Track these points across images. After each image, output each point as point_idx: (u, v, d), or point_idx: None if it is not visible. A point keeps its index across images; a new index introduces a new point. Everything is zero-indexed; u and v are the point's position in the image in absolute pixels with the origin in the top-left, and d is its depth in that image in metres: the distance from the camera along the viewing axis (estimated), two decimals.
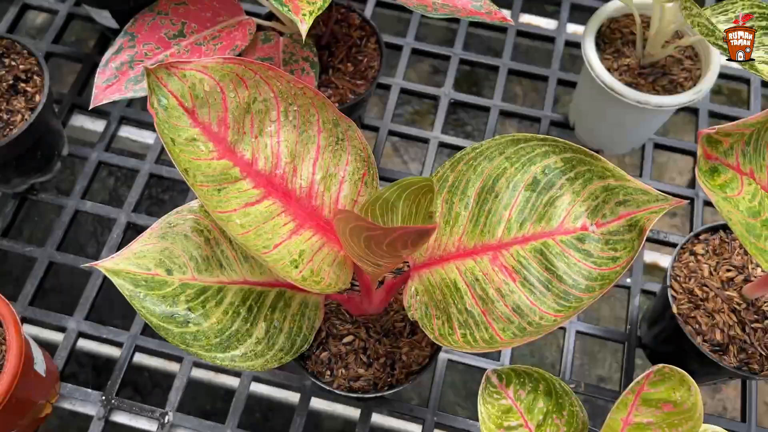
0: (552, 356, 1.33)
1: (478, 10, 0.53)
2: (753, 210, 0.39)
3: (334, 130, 0.47)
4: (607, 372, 1.22)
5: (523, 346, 1.32)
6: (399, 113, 1.42)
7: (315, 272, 0.44)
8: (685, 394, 0.40)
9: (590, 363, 1.33)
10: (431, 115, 1.37)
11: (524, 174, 0.45)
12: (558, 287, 0.42)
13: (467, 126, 1.42)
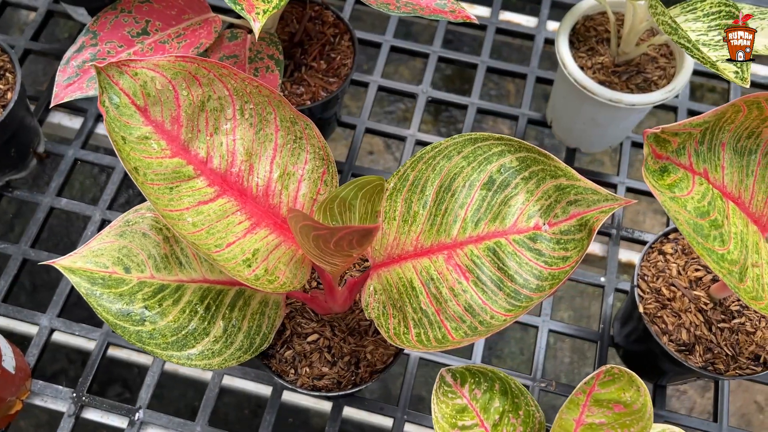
0: None
1: (441, 9, 0.53)
2: (701, 210, 0.39)
3: (292, 128, 0.46)
4: None
5: (512, 343, 1.31)
6: (391, 110, 1.42)
7: (269, 271, 0.44)
8: (634, 394, 0.40)
9: (579, 361, 1.33)
10: (426, 116, 1.37)
11: (480, 173, 0.45)
12: (509, 287, 0.42)
13: (459, 123, 1.42)
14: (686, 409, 1.30)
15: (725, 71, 0.49)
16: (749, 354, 0.56)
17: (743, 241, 0.41)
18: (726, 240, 0.40)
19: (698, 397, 1.32)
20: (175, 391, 1.14)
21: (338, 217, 0.42)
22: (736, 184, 0.43)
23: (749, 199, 0.45)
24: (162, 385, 1.10)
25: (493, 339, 1.31)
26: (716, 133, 0.41)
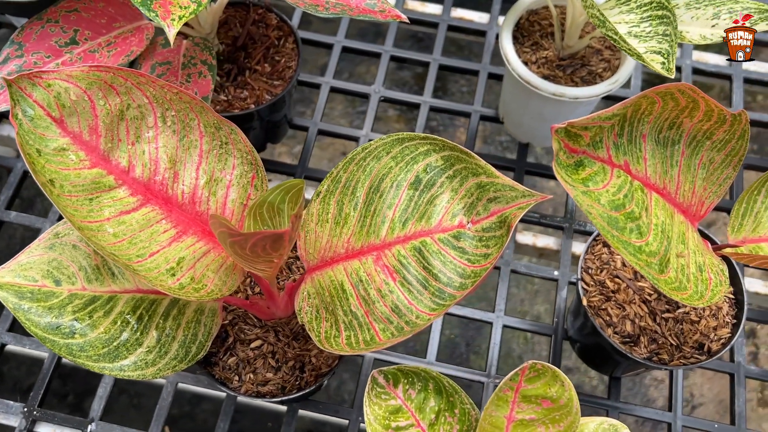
0: (519, 348, 1.33)
1: (371, 9, 0.52)
2: (616, 203, 0.39)
3: (217, 134, 0.46)
4: (573, 363, 1.22)
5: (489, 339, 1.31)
6: (362, 110, 1.42)
7: (196, 279, 0.44)
8: (559, 390, 0.40)
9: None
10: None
11: (408, 173, 0.45)
12: (434, 286, 0.42)
13: (431, 122, 1.42)
14: (663, 398, 1.31)
15: (652, 62, 0.49)
16: (693, 343, 0.56)
17: (664, 232, 0.41)
18: (644, 232, 0.40)
19: None
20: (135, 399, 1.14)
21: (268, 221, 0.42)
22: (660, 175, 0.44)
23: (675, 190, 0.45)
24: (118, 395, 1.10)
25: (470, 334, 1.32)
26: (636, 125, 0.41)
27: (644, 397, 1.37)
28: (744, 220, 0.49)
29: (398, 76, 1.49)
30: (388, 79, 1.48)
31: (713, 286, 0.44)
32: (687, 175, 0.45)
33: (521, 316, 1.30)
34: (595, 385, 1.27)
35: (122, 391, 1.16)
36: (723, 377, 1.27)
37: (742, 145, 0.45)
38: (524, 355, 1.31)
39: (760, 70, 0.86)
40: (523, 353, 1.33)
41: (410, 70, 1.38)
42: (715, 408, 1.29)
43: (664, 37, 0.51)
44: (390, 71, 1.45)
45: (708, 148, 0.45)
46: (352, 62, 1.44)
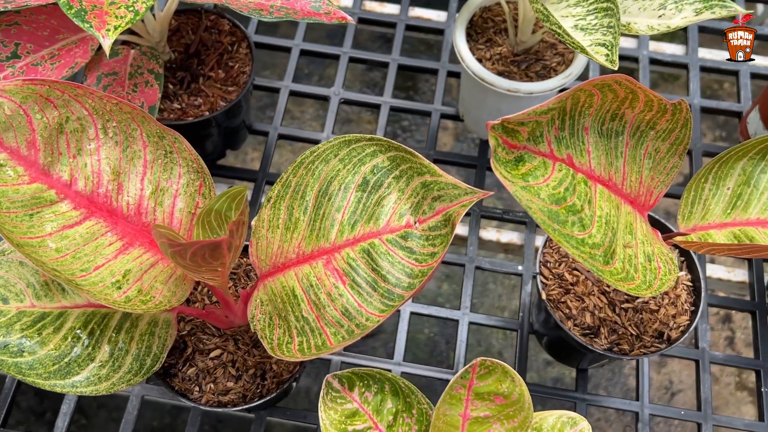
0: (499, 344, 1.34)
1: (316, 11, 0.52)
2: (557, 197, 0.39)
3: (161, 143, 0.46)
4: None
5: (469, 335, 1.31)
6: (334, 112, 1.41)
7: (144, 291, 0.43)
8: (510, 385, 0.40)
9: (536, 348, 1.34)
10: (370, 116, 1.37)
11: (355, 175, 0.45)
12: (383, 287, 0.42)
13: (404, 121, 1.42)
14: None
15: (596, 55, 0.49)
16: (653, 332, 0.57)
17: (609, 224, 0.42)
18: (587, 224, 0.40)
19: (654, 374, 1.34)
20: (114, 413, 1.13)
21: (217, 229, 0.41)
22: (605, 166, 0.44)
23: (621, 181, 0.45)
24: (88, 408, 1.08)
25: (449, 332, 1.32)
26: (577, 119, 0.42)
27: (624, 387, 1.38)
28: (693, 208, 0.49)
29: (368, 77, 1.49)
30: (359, 80, 1.48)
31: (662, 275, 0.44)
32: (633, 166, 0.45)
33: (500, 312, 1.30)
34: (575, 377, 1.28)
35: (101, 405, 1.15)
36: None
37: (685, 133, 0.45)
38: (504, 350, 1.31)
39: (715, 59, 0.86)
40: (502, 348, 1.33)
41: (380, 71, 1.38)
42: (694, 394, 1.30)
43: (608, 29, 0.51)
44: (360, 73, 1.45)
45: (652, 138, 0.45)
46: (321, 65, 1.44)
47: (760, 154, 0.47)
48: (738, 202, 0.48)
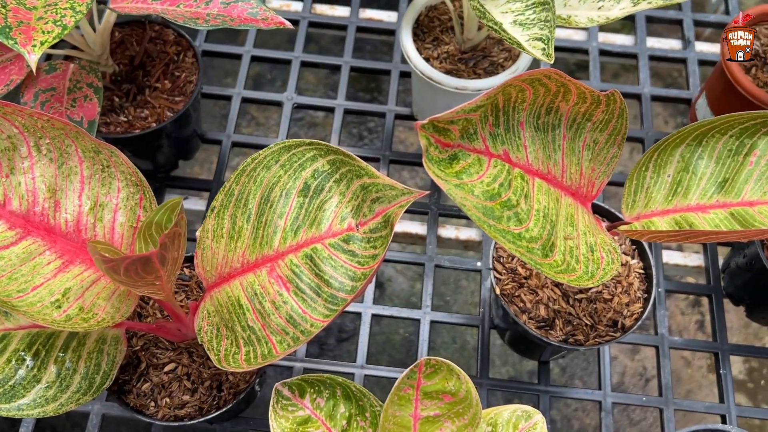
0: (473, 340, 1.34)
1: (253, 18, 0.52)
2: (491, 193, 0.39)
3: (97, 158, 0.45)
4: None
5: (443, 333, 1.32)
6: (299, 117, 1.41)
7: (86, 309, 0.43)
8: (456, 383, 0.40)
9: None
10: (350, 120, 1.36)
11: (296, 180, 0.45)
12: (326, 291, 0.42)
13: (370, 123, 1.42)
14: (618, 374, 1.33)
15: (533, 50, 0.50)
16: (608, 321, 0.57)
17: (547, 217, 0.42)
18: (524, 219, 0.40)
19: (629, 361, 1.35)
20: None
21: (168, 244, 0.41)
22: (542, 160, 0.44)
23: (561, 173, 0.45)
24: None
25: None
26: (512, 114, 0.42)
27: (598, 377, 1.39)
28: (636, 197, 0.49)
29: (333, 80, 1.48)
30: (322, 83, 1.47)
31: (605, 264, 0.44)
32: (572, 158, 0.46)
33: (473, 308, 1.30)
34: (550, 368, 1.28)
35: (75, 425, 1.13)
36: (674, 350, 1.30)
37: (622, 123, 0.46)
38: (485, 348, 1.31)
39: (663, 47, 0.88)
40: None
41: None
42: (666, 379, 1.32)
43: (545, 23, 0.51)
44: (324, 76, 1.44)
45: (590, 130, 0.45)
46: (284, 70, 1.44)
47: (696, 140, 0.47)
48: (678, 188, 0.48)
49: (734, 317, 1.27)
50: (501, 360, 1.32)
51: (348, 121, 1.38)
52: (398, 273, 1.37)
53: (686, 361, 1.37)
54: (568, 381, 1.24)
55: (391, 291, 1.34)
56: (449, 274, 1.35)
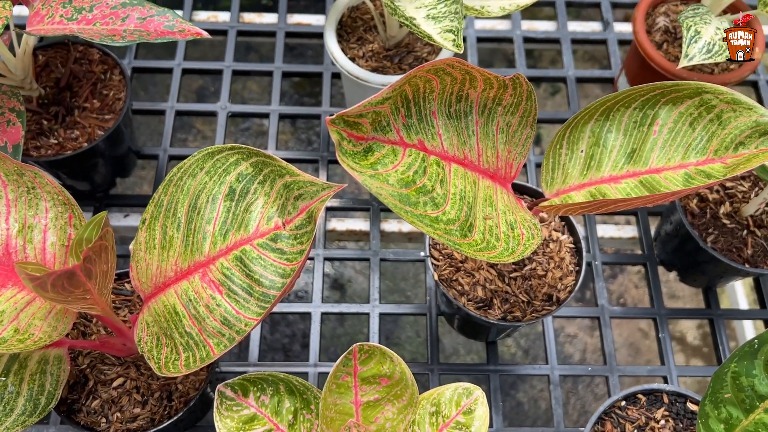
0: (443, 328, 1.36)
1: (170, 30, 0.53)
2: (405, 180, 0.41)
3: (21, 180, 0.45)
4: None
5: (407, 328, 1.33)
6: (246, 126, 1.41)
7: (21, 330, 0.43)
8: (391, 366, 0.42)
9: None
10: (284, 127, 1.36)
11: (222, 185, 0.46)
12: (258, 291, 0.43)
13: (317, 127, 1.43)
14: (580, 351, 1.37)
15: (444, 41, 0.52)
16: (543, 296, 0.60)
17: (464, 200, 0.44)
18: (440, 203, 0.42)
19: (588, 338, 1.39)
20: None
21: (93, 258, 0.41)
22: (457, 146, 0.46)
23: (477, 157, 0.47)
24: None
25: (388, 328, 1.34)
26: (423, 104, 0.43)
27: (561, 354, 1.42)
28: (554, 174, 0.52)
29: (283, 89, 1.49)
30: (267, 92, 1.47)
31: (525, 240, 0.46)
32: (487, 142, 0.48)
33: None
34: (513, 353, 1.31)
35: None
36: (630, 321, 1.34)
37: (531, 105, 0.48)
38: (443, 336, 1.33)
39: (585, 30, 0.91)
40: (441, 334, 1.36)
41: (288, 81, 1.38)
42: (627, 351, 1.36)
43: (455, 15, 0.53)
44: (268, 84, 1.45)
45: (501, 114, 0.47)
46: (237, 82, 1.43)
47: (603, 115, 0.50)
48: (591, 162, 0.51)
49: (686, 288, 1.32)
50: (465, 349, 1.34)
51: (299, 126, 1.39)
52: (357, 273, 1.38)
53: (643, 332, 1.42)
54: (531, 360, 1.27)
55: (352, 291, 1.35)
56: (408, 269, 1.37)
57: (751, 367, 0.42)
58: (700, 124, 0.47)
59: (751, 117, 0.45)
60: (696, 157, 0.47)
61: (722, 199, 0.68)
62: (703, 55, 0.59)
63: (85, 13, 0.54)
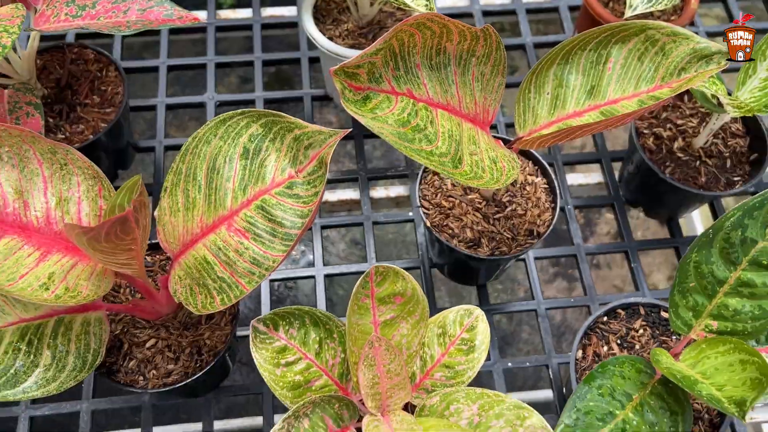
0: None
1: (170, 18, 0.58)
2: (402, 121, 0.47)
3: (54, 158, 0.50)
4: None
5: None
6: None
7: (71, 288, 0.48)
8: (403, 284, 0.48)
9: None
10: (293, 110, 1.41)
11: (236, 147, 0.51)
12: (281, 231, 0.48)
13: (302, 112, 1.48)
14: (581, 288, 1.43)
15: (417, 6, 0.58)
16: (525, 232, 0.66)
17: (452, 137, 0.50)
18: (433, 139, 0.48)
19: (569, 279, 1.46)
20: None
21: (138, 208, 0.46)
22: (440, 94, 0.52)
23: (458, 104, 0.54)
24: None
25: None
26: (408, 58, 0.50)
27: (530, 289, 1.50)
28: (525, 117, 0.58)
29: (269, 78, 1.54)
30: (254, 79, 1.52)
31: (507, 171, 0.53)
32: (465, 90, 0.54)
33: None
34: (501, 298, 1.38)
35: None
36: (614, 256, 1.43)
37: (500, 55, 0.54)
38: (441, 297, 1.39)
39: (539, 1, 0.98)
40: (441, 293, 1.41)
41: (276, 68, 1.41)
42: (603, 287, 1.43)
43: None
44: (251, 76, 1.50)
45: (475, 64, 0.54)
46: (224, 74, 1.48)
47: (564, 59, 0.57)
48: (557, 102, 0.57)
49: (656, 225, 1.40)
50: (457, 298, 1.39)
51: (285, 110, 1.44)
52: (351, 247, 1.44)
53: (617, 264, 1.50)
54: None
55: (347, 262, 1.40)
56: (395, 237, 1.43)
57: (709, 255, 0.50)
58: (647, 57, 0.54)
59: (690, 45, 0.52)
60: (646, 86, 0.54)
61: (675, 136, 0.76)
62: (645, 4, 0.66)
63: (89, 10, 0.59)
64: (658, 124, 0.77)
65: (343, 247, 1.39)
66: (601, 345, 0.63)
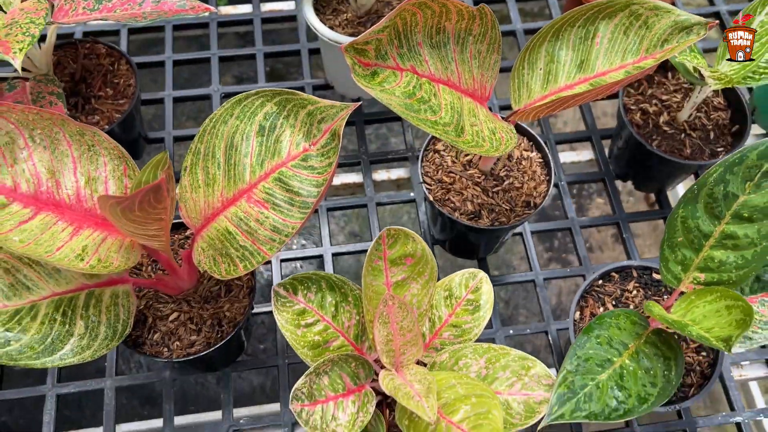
0: None
1: (183, 8, 0.62)
2: (408, 93, 0.51)
3: (83, 139, 0.54)
4: None
5: None
6: None
7: (103, 260, 0.52)
8: (413, 245, 0.51)
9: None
10: None
11: (252, 125, 0.55)
12: (298, 200, 0.52)
13: None
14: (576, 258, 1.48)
15: None
16: (522, 204, 0.70)
17: (454, 109, 0.54)
18: (437, 110, 0.52)
19: None
20: None
21: (168, 179, 0.50)
22: (441, 70, 0.56)
23: (458, 80, 0.58)
24: None
25: None
26: (410, 37, 0.54)
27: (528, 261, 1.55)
28: (521, 92, 0.62)
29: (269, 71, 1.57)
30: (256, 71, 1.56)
31: (505, 141, 0.57)
32: (464, 66, 0.58)
33: None
34: None
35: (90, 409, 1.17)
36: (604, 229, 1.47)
37: (496, 33, 0.58)
38: None
39: None
40: None
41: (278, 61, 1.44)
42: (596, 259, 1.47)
43: None
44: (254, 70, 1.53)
45: (472, 42, 0.58)
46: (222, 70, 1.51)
47: (555, 36, 0.61)
48: (550, 77, 0.61)
49: None
50: None
51: None
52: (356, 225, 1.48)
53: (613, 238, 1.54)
54: None
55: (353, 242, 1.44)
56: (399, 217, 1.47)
57: (694, 210, 0.54)
58: (632, 31, 0.58)
59: (671, 18, 0.56)
60: (632, 58, 0.58)
61: (661, 111, 0.80)
62: None
63: (105, 3, 0.62)
64: (644, 100, 0.81)
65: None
66: (597, 306, 0.67)
